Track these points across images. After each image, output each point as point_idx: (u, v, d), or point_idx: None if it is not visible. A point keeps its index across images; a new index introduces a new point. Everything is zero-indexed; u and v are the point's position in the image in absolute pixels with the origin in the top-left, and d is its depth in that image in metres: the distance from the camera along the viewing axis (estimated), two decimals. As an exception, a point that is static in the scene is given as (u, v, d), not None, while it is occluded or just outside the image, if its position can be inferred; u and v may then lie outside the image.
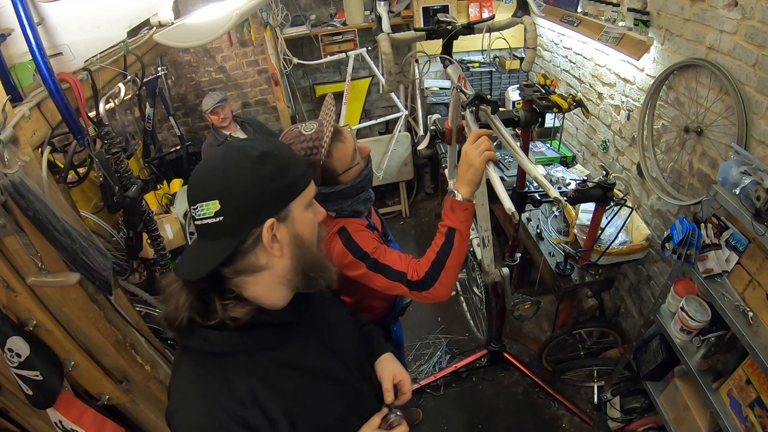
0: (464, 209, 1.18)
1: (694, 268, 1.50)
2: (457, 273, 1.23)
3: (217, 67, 3.79)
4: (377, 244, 1.27)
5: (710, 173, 1.74)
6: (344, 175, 1.25)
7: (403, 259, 1.25)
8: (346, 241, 1.23)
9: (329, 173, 1.23)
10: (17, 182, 0.89)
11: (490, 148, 1.16)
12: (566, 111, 1.69)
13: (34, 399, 1.11)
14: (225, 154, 0.78)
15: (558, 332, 2.31)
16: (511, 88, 3.27)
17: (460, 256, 1.21)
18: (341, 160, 1.23)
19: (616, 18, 2.10)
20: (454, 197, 1.19)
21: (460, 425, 2.42)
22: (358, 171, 1.28)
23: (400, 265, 1.23)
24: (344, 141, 1.24)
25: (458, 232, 1.19)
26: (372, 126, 3.83)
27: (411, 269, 1.22)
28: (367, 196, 1.35)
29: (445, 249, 1.19)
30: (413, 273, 1.22)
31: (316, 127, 1.21)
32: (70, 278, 1.04)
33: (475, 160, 1.16)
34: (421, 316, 3.08)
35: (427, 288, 1.21)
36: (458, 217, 1.19)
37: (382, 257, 1.24)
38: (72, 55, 1.18)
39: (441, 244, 1.20)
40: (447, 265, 1.19)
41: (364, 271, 1.24)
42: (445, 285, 1.21)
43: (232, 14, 1.55)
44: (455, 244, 1.19)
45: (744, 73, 1.48)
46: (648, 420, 2.06)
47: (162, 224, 2.83)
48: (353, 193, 1.29)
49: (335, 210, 1.30)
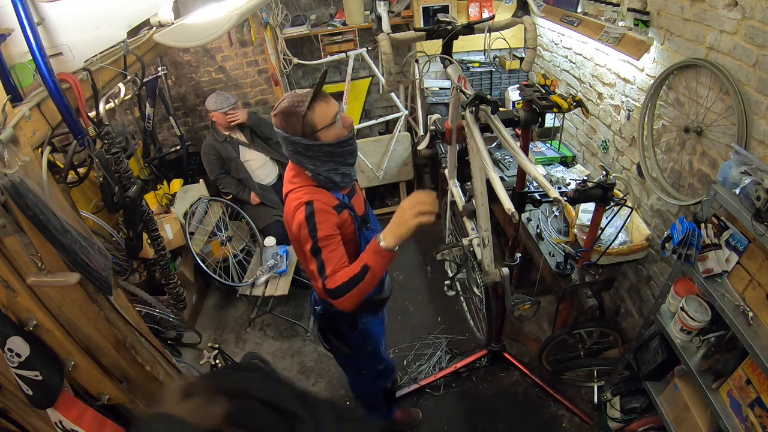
0: (383, 256, 1.33)
1: (694, 268, 1.50)
2: (361, 297, 1.37)
3: (217, 67, 3.79)
4: (331, 233, 1.38)
5: (710, 173, 1.74)
6: (322, 132, 1.36)
7: (337, 263, 1.37)
8: (308, 216, 1.35)
9: (309, 126, 1.34)
10: (17, 182, 0.89)
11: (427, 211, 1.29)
12: (566, 111, 1.69)
13: (34, 399, 1.11)
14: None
15: (558, 332, 2.31)
16: (511, 88, 3.27)
17: (367, 288, 1.36)
18: (321, 116, 1.35)
19: (616, 18, 2.10)
20: (379, 242, 1.32)
21: (460, 425, 2.42)
22: (336, 134, 1.38)
23: (329, 267, 1.36)
24: (327, 102, 1.37)
25: (372, 270, 1.33)
26: (372, 126, 3.82)
27: (331, 277, 1.35)
28: (345, 171, 1.45)
29: (356, 279, 1.33)
30: (330, 282, 1.35)
31: (308, 90, 1.37)
32: (70, 278, 1.04)
33: (409, 220, 1.28)
34: (421, 316, 3.08)
35: (334, 299, 1.37)
36: (377, 261, 1.33)
37: (326, 250, 1.36)
38: (72, 55, 1.18)
39: (354, 274, 1.34)
40: (353, 291, 1.34)
41: (308, 248, 1.37)
42: (349, 303, 1.37)
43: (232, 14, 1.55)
44: (366, 279, 1.33)
45: (744, 73, 1.48)
46: (648, 420, 2.06)
47: (162, 224, 2.83)
48: (330, 154, 1.39)
49: (312, 170, 1.41)
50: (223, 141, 3.10)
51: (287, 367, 2.86)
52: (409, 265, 3.49)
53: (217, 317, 3.29)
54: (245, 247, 3.37)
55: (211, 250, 3.16)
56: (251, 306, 3.17)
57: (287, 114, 1.35)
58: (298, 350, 2.96)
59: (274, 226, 3.22)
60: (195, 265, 3.06)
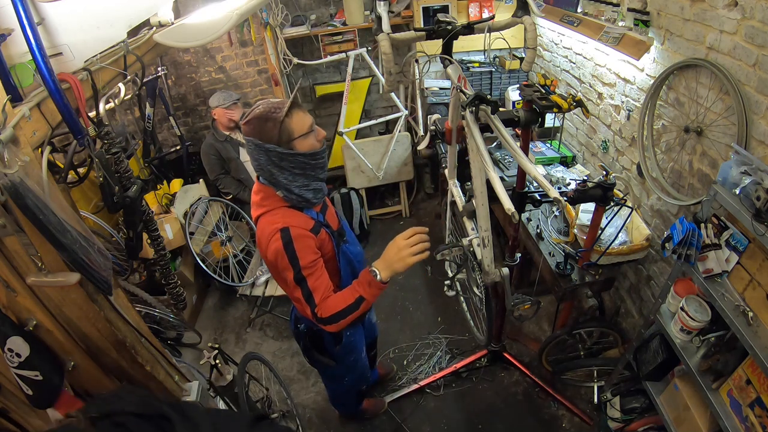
0: (379, 288, 1.39)
1: (694, 268, 1.50)
2: (352, 321, 1.43)
3: (217, 67, 3.79)
4: (313, 258, 1.37)
5: (710, 173, 1.74)
6: (299, 140, 1.34)
7: (324, 290, 1.40)
8: (286, 245, 1.33)
9: (286, 133, 1.32)
10: (17, 182, 0.89)
11: (423, 249, 1.37)
12: (566, 111, 1.69)
13: (34, 399, 1.11)
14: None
15: (558, 332, 2.31)
16: (511, 88, 3.27)
17: (360, 317, 1.45)
18: (299, 124, 1.33)
19: (616, 18, 2.10)
20: (374, 276, 1.38)
21: (460, 425, 2.42)
22: (310, 145, 1.37)
23: (318, 295, 1.38)
24: (304, 112, 1.37)
25: (366, 301, 1.40)
26: (372, 126, 3.83)
27: (322, 305, 1.39)
28: (318, 186, 1.44)
29: (351, 309, 1.39)
30: (322, 310, 1.39)
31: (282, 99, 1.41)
32: (70, 278, 1.04)
33: (407, 258, 1.36)
34: (421, 316, 3.08)
35: (325, 326, 1.42)
36: (371, 292, 1.39)
37: (311, 278, 1.37)
38: (72, 55, 1.18)
39: (349, 304, 1.39)
40: (347, 318, 1.40)
41: (291, 277, 1.37)
42: (339, 328, 1.43)
43: (232, 14, 1.54)
44: (360, 308, 1.40)
45: (744, 73, 1.48)
46: (648, 420, 2.06)
47: (162, 224, 2.83)
48: (303, 166, 1.36)
49: (284, 186, 1.37)
50: (223, 141, 3.10)
51: (287, 367, 2.86)
52: (409, 265, 3.49)
53: (217, 317, 3.29)
54: (245, 247, 3.37)
55: (211, 250, 3.16)
56: (251, 306, 3.17)
57: (263, 119, 1.30)
58: (298, 350, 2.93)
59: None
60: (195, 265, 3.06)
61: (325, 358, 1.79)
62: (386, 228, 3.97)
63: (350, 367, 1.92)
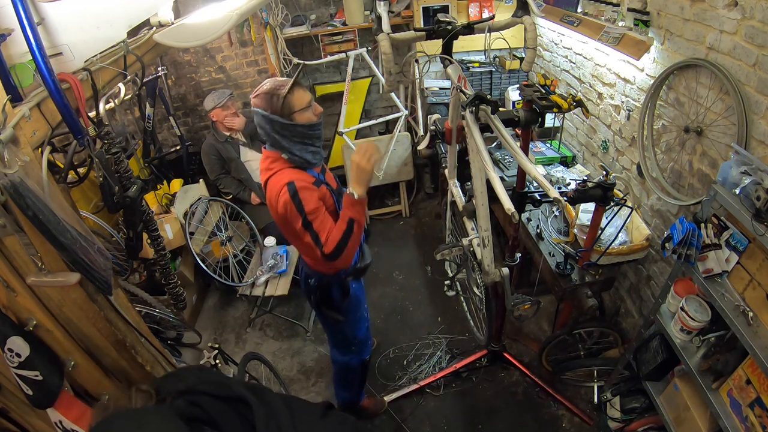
0: (360, 203, 1.56)
1: (694, 268, 1.50)
2: (355, 248, 1.61)
3: (217, 67, 3.79)
4: (317, 206, 1.54)
5: (710, 173, 1.74)
6: (298, 113, 1.54)
7: (328, 230, 1.55)
8: (293, 195, 1.50)
9: (288, 107, 1.52)
10: (17, 182, 0.89)
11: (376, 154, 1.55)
12: (566, 111, 1.69)
13: (34, 399, 1.11)
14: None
15: (558, 332, 2.31)
16: (511, 88, 3.27)
17: (358, 238, 1.58)
18: (299, 100, 1.54)
19: (616, 18, 2.10)
20: (352, 196, 1.55)
21: (460, 425, 2.42)
22: (308, 118, 1.57)
23: (323, 234, 1.54)
24: (304, 90, 1.57)
25: (356, 221, 1.56)
26: (372, 126, 3.82)
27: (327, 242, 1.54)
28: (315, 150, 1.63)
29: (347, 233, 1.55)
30: (327, 246, 1.54)
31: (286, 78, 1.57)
32: (70, 278, 1.04)
33: (366, 166, 1.53)
34: (421, 316, 3.08)
35: (334, 260, 1.56)
36: (356, 210, 1.56)
37: (316, 222, 1.53)
38: (72, 55, 1.18)
39: (344, 229, 1.55)
40: (348, 245, 1.56)
41: (299, 225, 1.53)
42: (347, 258, 1.59)
43: (232, 14, 1.54)
44: (354, 230, 1.56)
45: (744, 73, 1.48)
46: (648, 420, 2.06)
47: (162, 224, 2.82)
48: (302, 135, 1.56)
49: (287, 150, 1.57)
50: (223, 141, 3.10)
51: (287, 367, 2.86)
52: (409, 265, 3.49)
53: (217, 317, 3.29)
54: (245, 247, 3.37)
55: (211, 250, 3.16)
56: (251, 306, 3.17)
57: (269, 94, 1.51)
58: (298, 350, 2.96)
59: (274, 226, 3.22)
60: (195, 265, 3.06)
61: (334, 312, 1.90)
62: (386, 228, 3.96)
63: (357, 324, 2.03)
